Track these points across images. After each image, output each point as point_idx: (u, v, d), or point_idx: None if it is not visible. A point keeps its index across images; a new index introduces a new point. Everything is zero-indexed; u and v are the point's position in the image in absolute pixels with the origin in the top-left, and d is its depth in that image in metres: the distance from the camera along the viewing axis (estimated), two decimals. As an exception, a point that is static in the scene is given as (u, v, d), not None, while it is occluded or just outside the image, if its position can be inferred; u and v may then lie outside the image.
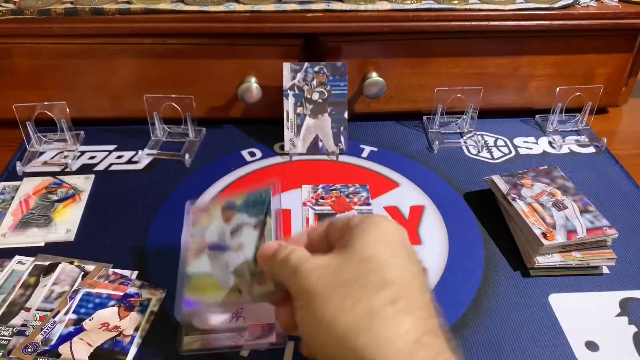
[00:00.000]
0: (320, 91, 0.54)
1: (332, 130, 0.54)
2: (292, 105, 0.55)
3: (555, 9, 0.59)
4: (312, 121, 0.54)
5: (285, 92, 0.54)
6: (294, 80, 0.54)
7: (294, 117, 0.55)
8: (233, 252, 0.38)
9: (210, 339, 0.39)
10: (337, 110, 0.54)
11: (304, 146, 0.55)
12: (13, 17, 0.56)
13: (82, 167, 0.58)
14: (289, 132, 0.55)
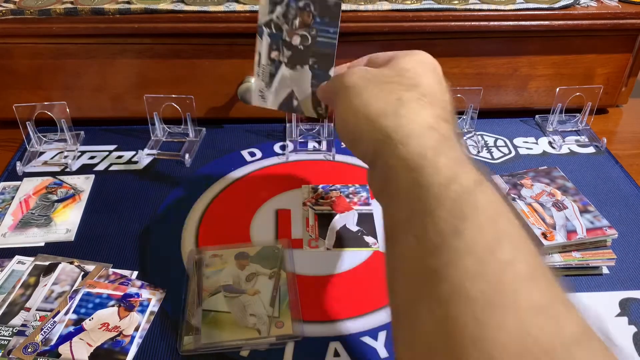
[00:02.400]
0: (302, 35, 0.40)
1: (312, 87, 0.41)
2: (265, 47, 0.41)
3: (555, 9, 0.59)
4: (289, 72, 0.41)
5: (260, 29, 0.41)
6: (272, 15, 0.40)
7: (267, 63, 0.41)
8: (249, 296, 0.42)
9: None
10: (320, 63, 0.40)
11: (276, 101, 0.42)
12: (13, 17, 0.56)
13: (82, 167, 0.58)
14: (259, 81, 0.42)
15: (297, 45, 0.40)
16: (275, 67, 0.41)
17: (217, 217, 0.51)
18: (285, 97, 0.42)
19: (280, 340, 0.39)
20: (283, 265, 0.45)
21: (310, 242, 0.48)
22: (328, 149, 0.61)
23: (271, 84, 0.42)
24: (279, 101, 0.43)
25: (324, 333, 0.40)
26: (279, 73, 0.41)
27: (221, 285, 0.43)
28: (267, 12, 0.41)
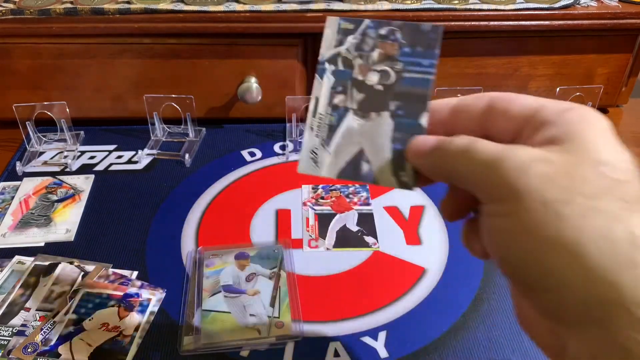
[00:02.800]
0: (382, 70, 0.28)
1: (394, 144, 0.27)
2: (327, 90, 0.29)
3: (555, 9, 0.59)
4: (359, 122, 0.28)
5: (321, 66, 0.30)
6: (341, 48, 0.29)
7: (326, 112, 0.29)
8: (249, 296, 0.41)
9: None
10: (408, 108, 0.28)
11: (335, 166, 0.29)
12: (13, 17, 0.56)
13: (82, 167, 0.58)
14: (312, 137, 0.29)
15: (374, 85, 0.28)
16: (339, 117, 0.29)
17: (217, 217, 0.51)
18: (350, 159, 0.28)
19: (280, 340, 0.39)
20: (283, 265, 0.45)
21: (310, 242, 0.48)
22: (328, 149, 0.61)
23: (330, 140, 0.28)
24: (340, 166, 0.28)
25: (324, 333, 0.40)
26: (343, 125, 0.28)
27: (221, 286, 0.43)
28: (333, 44, 0.30)
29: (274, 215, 0.51)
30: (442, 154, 0.25)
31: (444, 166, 0.25)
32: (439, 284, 0.44)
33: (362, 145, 0.28)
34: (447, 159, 0.24)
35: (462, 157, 0.23)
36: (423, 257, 0.47)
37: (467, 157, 0.23)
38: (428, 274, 0.45)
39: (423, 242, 0.49)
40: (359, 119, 0.28)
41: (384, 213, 0.52)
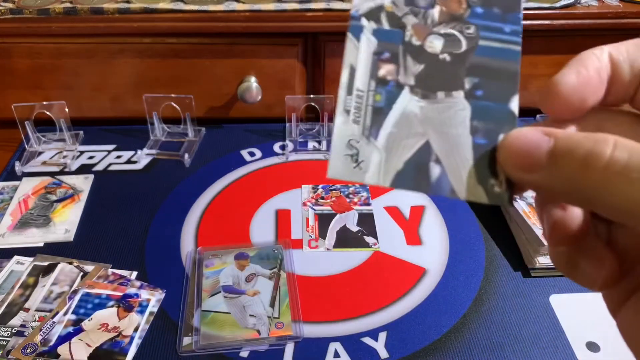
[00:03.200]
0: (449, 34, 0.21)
1: (475, 137, 0.19)
2: (367, 56, 0.20)
3: (556, 9, 0.59)
4: (420, 105, 0.20)
5: (356, 22, 0.21)
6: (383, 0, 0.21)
7: (367, 88, 0.20)
8: (249, 296, 0.41)
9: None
10: (491, 88, 0.20)
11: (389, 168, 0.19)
12: (12, 16, 0.56)
13: (81, 167, 0.58)
14: (349, 123, 0.19)
15: (438, 52, 0.20)
16: (388, 96, 0.20)
17: (217, 217, 0.51)
18: (411, 157, 0.19)
19: (280, 341, 0.39)
20: (283, 265, 0.45)
21: (310, 242, 0.48)
22: (328, 149, 0.60)
23: (378, 129, 0.19)
24: (397, 167, 0.19)
25: (324, 334, 0.40)
26: (397, 107, 0.20)
27: (221, 286, 0.43)
28: None
29: (273, 215, 0.51)
30: (572, 165, 0.15)
31: (579, 188, 0.15)
32: (439, 285, 0.44)
33: (429, 137, 0.19)
34: (588, 179, 0.15)
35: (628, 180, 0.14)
36: (423, 258, 0.47)
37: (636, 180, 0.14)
38: (428, 275, 0.45)
39: (424, 242, 0.48)
40: (419, 100, 0.20)
41: (384, 213, 0.52)
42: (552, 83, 0.17)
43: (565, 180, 0.16)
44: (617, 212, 0.15)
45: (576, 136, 0.16)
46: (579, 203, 0.17)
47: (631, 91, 0.17)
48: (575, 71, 0.17)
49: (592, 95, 0.17)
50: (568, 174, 0.16)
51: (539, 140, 0.16)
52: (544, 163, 0.16)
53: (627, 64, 0.17)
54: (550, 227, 0.18)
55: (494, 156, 0.18)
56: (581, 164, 0.15)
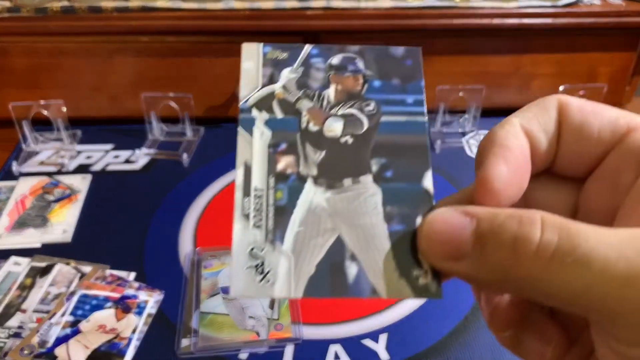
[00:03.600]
0: (348, 115, 0.19)
1: (390, 225, 0.17)
2: (262, 151, 0.18)
3: (558, 7, 0.58)
4: (326, 196, 0.18)
5: (245, 115, 0.19)
6: (274, 85, 0.19)
7: (266, 184, 0.18)
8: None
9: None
10: (400, 167, 0.18)
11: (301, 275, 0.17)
12: (9, 15, 0.56)
13: (79, 167, 0.57)
14: (249, 229, 0.17)
15: (338, 136, 0.19)
16: (290, 192, 0.18)
17: (216, 218, 0.50)
18: (323, 258, 0.17)
19: (280, 342, 0.39)
20: None
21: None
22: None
23: (283, 231, 0.17)
24: (308, 273, 0.17)
25: (324, 335, 0.40)
26: (300, 202, 0.18)
27: (219, 287, 0.42)
28: (260, 81, 0.20)
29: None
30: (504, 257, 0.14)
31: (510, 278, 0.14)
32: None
33: (341, 231, 0.18)
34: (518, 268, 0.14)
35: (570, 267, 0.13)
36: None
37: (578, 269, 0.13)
38: (429, 276, 0.45)
39: (424, 242, 0.48)
40: (325, 191, 0.18)
41: (384, 213, 0.51)
42: (485, 181, 0.16)
43: (494, 268, 0.14)
44: (556, 301, 0.14)
45: (500, 216, 0.14)
46: (512, 292, 0.16)
47: (550, 158, 0.17)
48: (503, 160, 0.16)
49: (526, 179, 0.16)
50: (496, 262, 0.14)
51: (460, 224, 0.15)
52: (469, 250, 0.15)
53: (542, 134, 0.16)
54: (489, 314, 0.17)
55: (414, 243, 0.17)
56: (509, 251, 0.14)
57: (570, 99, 0.16)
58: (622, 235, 0.13)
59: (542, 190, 0.17)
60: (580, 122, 0.16)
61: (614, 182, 0.15)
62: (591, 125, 0.16)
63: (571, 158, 0.16)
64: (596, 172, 0.16)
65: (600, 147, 0.16)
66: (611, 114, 0.16)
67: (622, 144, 0.16)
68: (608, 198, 0.16)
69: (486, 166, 0.16)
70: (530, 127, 0.16)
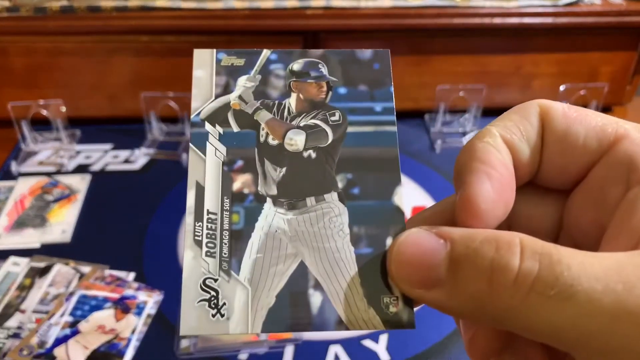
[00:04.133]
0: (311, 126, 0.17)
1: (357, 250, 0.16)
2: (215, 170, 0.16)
3: (559, 7, 0.58)
4: (286, 218, 0.16)
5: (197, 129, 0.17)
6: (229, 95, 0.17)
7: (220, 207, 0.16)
8: None
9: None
10: (368, 182, 0.17)
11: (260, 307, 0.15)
12: (8, 14, 0.56)
13: (78, 167, 0.57)
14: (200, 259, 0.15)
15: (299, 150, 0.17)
16: (247, 214, 0.16)
17: (216, 218, 0.50)
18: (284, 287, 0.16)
19: (280, 343, 0.39)
20: None
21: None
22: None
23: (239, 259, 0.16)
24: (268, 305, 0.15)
25: (324, 336, 0.39)
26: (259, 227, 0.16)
27: None
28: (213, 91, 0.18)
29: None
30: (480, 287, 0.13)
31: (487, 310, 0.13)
32: (441, 286, 0.44)
33: (302, 258, 0.16)
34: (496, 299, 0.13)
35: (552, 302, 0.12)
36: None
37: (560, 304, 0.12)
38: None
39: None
40: (286, 212, 0.16)
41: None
42: (469, 201, 0.14)
43: (469, 299, 0.13)
44: (537, 336, 0.13)
45: (476, 239, 0.13)
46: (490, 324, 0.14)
47: (533, 170, 0.15)
48: (487, 177, 0.14)
49: (512, 197, 0.15)
50: (471, 292, 0.13)
51: (433, 247, 0.13)
52: (443, 276, 0.13)
53: (524, 144, 0.15)
54: (468, 341, 0.16)
55: (384, 267, 0.15)
56: (485, 280, 0.12)
57: (553, 104, 0.15)
58: (608, 264, 0.12)
59: (525, 203, 0.16)
60: (564, 130, 0.15)
61: (601, 196, 0.14)
62: (576, 134, 0.15)
63: (555, 169, 0.15)
64: (582, 184, 0.15)
65: (586, 157, 0.15)
66: (597, 120, 0.15)
67: (610, 153, 0.14)
68: (594, 213, 0.14)
69: (468, 184, 0.14)
70: (512, 138, 0.15)
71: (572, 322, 0.12)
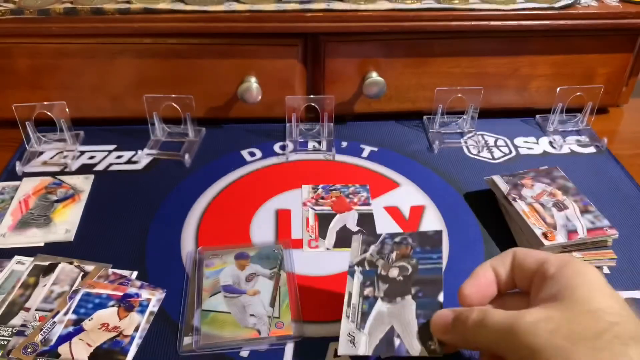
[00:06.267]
0: (401, 266, 0.37)
1: (418, 319, 0.34)
2: (357, 286, 0.37)
3: (555, 9, 0.59)
4: (387, 307, 0.35)
5: (351, 269, 0.38)
6: (366, 254, 0.38)
7: (358, 302, 0.36)
8: (249, 296, 0.42)
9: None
10: (426, 290, 0.35)
11: (371, 344, 0.34)
12: (13, 16, 0.56)
13: (81, 167, 0.58)
14: (348, 323, 0.36)
15: (396, 277, 0.36)
16: (369, 305, 0.36)
17: (217, 217, 0.51)
18: (383, 336, 0.34)
19: (280, 340, 0.39)
20: (283, 265, 0.45)
21: (310, 242, 0.48)
22: (328, 149, 0.61)
23: (364, 324, 0.35)
24: (375, 343, 0.34)
25: (324, 333, 0.40)
26: (374, 310, 0.35)
27: (221, 286, 0.43)
28: (359, 252, 0.39)
29: (274, 215, 0.51)
30: (462, 328, 0.31)
31: (467, 339, 0.31)
32: (439, 284, 0.45)
33: (393, 324, 0.35)
34: (467, 332, 0.30)
35: (481, 329, 0.29)
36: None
37: (483, 328, 0.29)
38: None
39: (423, 242, 0.49)
40: (386, 304, 0.36)
41: (384, 213, 0.52)
42: (461, 294, 0.33)
43: (459, 335, 0.31)
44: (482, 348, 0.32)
45: (463, 310, 0.31)
46: (471, 347, 0.34)
47: (510, 283, 0.33)
48: (473, 284, 0.33)
49: (488, 295, 0.33)
50: (459, 332, 0.31)
51: (448, 316, 0.32)
52: (450, 328, 0.32)
53: (502, 269, 0.33)
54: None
55: (429, 329, 0.33)
56: (461, 325, 0.31)
57: (519, 251, 0.33)
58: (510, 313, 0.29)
59: (512, 300, 0.33)
60: (521, 262, 0.32)
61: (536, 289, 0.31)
62: (526, 263, 0.32)
63: (520, 281, 0.33)
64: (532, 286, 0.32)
65: (531, 273, 0.31)
66: (539, 256, 0.32)
67: (539, 270, 0.31)
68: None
69: (464, 286, 0.33)
70: (496, 266, 0.33)
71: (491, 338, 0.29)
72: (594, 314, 0.26)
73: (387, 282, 0.36)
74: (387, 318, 0.35)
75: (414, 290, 0.35)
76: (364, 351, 0.34)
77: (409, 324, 0.34)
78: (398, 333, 0.34)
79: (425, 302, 0.34)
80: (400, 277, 0.36)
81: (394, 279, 0.36)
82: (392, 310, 0.35)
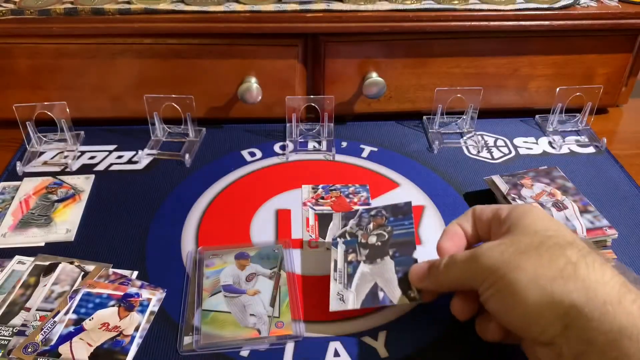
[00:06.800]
0: (378, 233, 0.43)
1: (398, 274, 0.40)
2: (341, 254, 0.43)
3: (555, 9, 0.59)
4: (369, 267, 0.41)
5: (334, 241, 0.45)
6: (346, 227, 0.45)
7: (343, 267, 0.42)
8: (249, 296, 0.42)
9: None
10: (402, 250, 0.41)
11: (358, 299, 0.40)
12: (13, 17, 0.56)
13: (82, 167, 0.58)
14: (337, 284, 0.41)
15: (374, 243, 0.42)
16: (353, 268, 0.42)
17: (217, 217, 0.51)
18: (368, 291, 0.40)
19: (280, 340, 0.39)
20: (283, 265, 0.45)
21: (310, 242, 0.48)
22: (328, 149, 0.61)
23: (350, 283, 0.41)
24: (362, 298, 0.39)
25: (324, 333, 0.40)
26: (358, 272, 0.41)
27: (221, 285, 0.43)
28: (340, 227, 0.46)
29: (274, 215, 0.51)
30: (436, 272, 0.37)
31: (441, 280, 0.36)
32: (439, 284, 0.45)
33: (375, 280, 0.40)
34: (440, 274, 0.36)
35: (450, 267, 0.36)
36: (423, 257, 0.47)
37: (452, 265, 0.36)
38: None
39: (423, 242, 0.49)
40: (369, 265, 0.41)
41: (384, 213, 0.52)
42: (439, 247, 0.39)
43: (434, 279, 0.37)
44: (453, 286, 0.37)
45: (435, 260, 0.38)
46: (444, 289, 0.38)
47: (476, 235, 0.39)
48: (447, 238, 0.39)
49: (461, 246, 0.39)
50: (434, 276, 0.37)
51: (424, 267, 0.38)
52: (427, 275, 0.38)
53: (467, 225, 0.39)
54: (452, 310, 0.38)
55: (407, 280, 0.39)
56: (435, 270, 0.37)
57: (477, 207, 0.39)
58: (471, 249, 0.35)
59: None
60: (479, 215, 0.38)
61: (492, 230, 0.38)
62: (484, 214, 0.38)
63: (482, 231, 0.38)
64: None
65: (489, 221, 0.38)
66: (493, 207, 0.38)
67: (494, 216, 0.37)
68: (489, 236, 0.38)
69: (440, 241, 0.39)
70: (461, 223, 0.39)
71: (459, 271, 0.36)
72: (535, 233, 0.33)
73: (367, 248, 0.42)
74: (370, 276, 0.40)
75: (391, 251, 0.41)
76: (353, 305, 0.39)
77: (390, 279, 0.40)
78: (381, 287, 0.40)
79: (402, 260, 0.40)
80: (378, 243, 0.42)
81: (373, 244, 0.42)
82: (374, 270, 0.41)
